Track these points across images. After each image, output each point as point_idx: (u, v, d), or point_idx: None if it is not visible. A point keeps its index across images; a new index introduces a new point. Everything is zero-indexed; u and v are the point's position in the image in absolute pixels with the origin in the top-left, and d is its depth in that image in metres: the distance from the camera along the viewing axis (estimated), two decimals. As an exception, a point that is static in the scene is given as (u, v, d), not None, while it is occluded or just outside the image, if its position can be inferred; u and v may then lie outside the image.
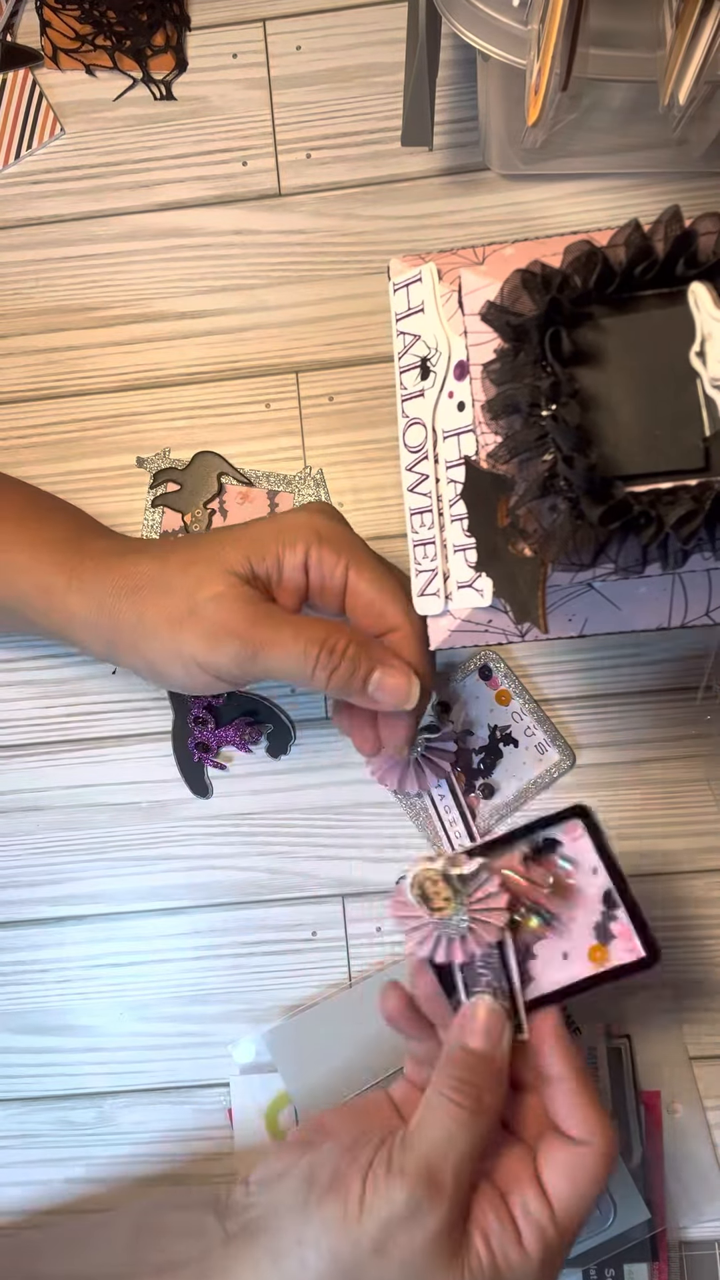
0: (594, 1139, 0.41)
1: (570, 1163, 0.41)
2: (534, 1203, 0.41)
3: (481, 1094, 0.41)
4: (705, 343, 0.36)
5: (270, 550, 0.44)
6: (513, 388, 0.37)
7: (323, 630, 0.43)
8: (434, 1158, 0.40)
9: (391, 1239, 0.39)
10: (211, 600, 0.43)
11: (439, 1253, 0.39)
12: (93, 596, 0.45)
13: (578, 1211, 0.41)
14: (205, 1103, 0.57)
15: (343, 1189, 0.40)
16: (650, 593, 0.44)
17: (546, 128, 0.47)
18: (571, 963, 0.44)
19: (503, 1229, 0.40)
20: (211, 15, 0.60)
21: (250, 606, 0.43)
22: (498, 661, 0.56)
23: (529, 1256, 0.40)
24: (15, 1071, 0.58)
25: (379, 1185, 0.40)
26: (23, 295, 0.60)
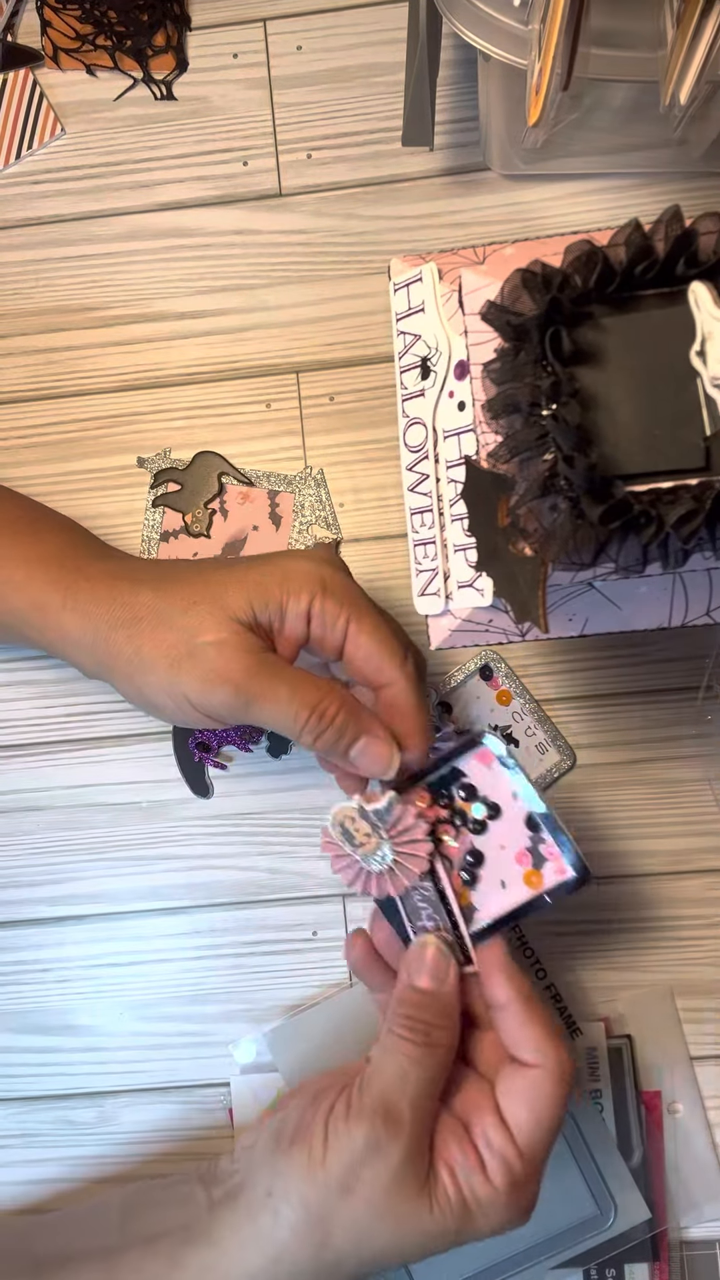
0: (545, 1060, 0.41)
1: (525, 1088, 0.42)
2: (495, 1133, 0.41)
3: (431, 1030, 0.42)
4: (705, 342, 0.36)
5: (274, 597, 0.44)
6: (513, 387, 0.37)
7: (316, 694, 0.43)
8: (390, 1094, 0.41)
9: (356, 1177, 0.40)
10: (212, 645, 0.43)
11: (404, 1185, 0.40)
12: (88, 619, 0.45)
13: (540, 1137, 0.41)
14: (206, 1102, 0.57)
15: (307, 1136, 0.42)
16: (651, 592, 0.44)
17: (547, 128, 0.47)
18: (510, 890, 0.44)
19: (466, 1159, 0.41)
20: (212, 15, 0.60)
21: (250, 657, 0.43)
22: (498, 661, 0.56)
23: (495, 1188, 0.41)
24: (15, 1071, 0.58)
25: (339, 1128, 0.41)
26: (23, 295, 0.60)
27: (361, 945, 0.47)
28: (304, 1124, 0.42)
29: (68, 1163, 0.57)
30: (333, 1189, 0.41)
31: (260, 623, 0.44)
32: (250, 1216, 0.42)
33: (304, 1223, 0.41)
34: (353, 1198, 0.40)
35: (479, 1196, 0.41)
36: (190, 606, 0.44)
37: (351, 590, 0.45)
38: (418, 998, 0.43)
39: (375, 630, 0.44)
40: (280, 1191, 0.42)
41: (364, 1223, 0.41)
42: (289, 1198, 0.41)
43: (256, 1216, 0.42)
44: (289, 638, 0.45)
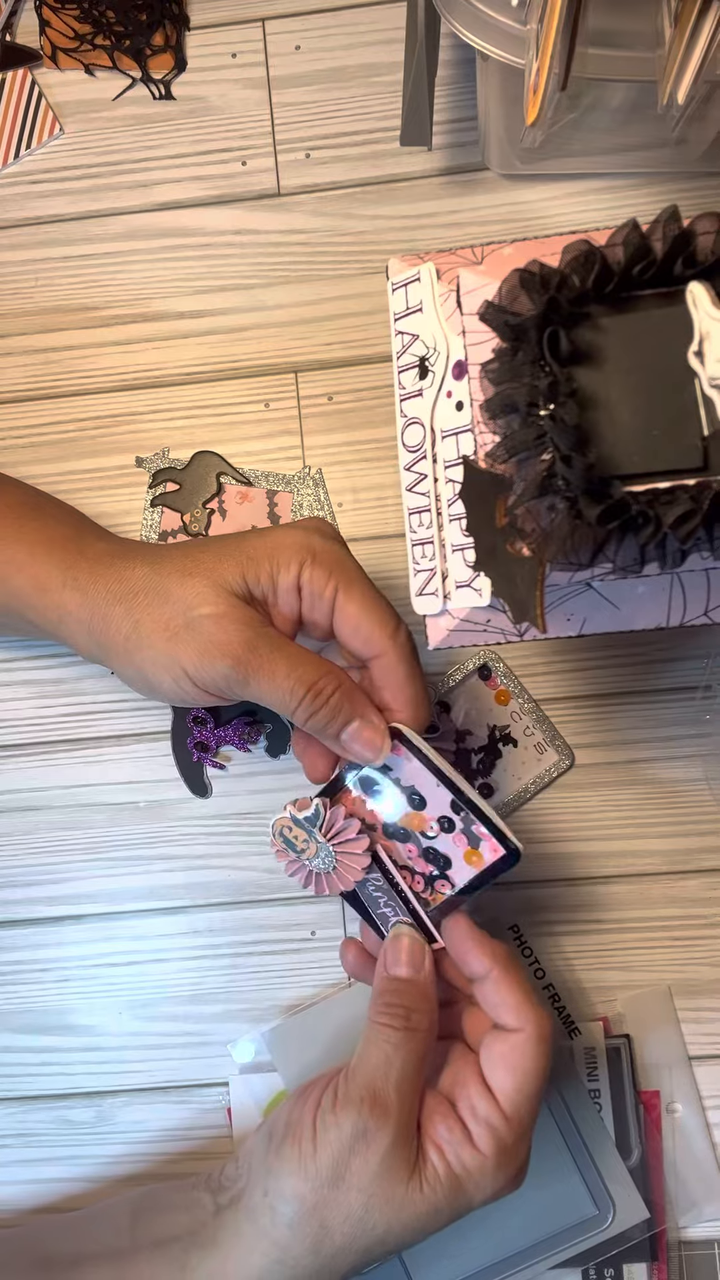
0: (525, 1024, 0.42)
1: (506, 1052, 0.42)
2: (479, 1101, 0.42)
3: (410, 1014, 0.43)
4: (703, 342, 0.36)
5: (264, 569, 0.44)
6: (511, 387, 0.36)
7: (314, 671, 0.43)
8: (375, 1081, 0.42)
9: (346, 1167, 0.41)
10: (209, 618, 0.43)
11: (394, 1170, 0.41)
12: (86, 595, 0.45)
13: (524, 1100, 0.42)
14: (205, 1102, 0.57)
15: (297, 1131, 0.42)
16: (649, 592, 0.44)
17: (545, 127, 0.47)
18: (456, 869, 0.46)
19: (452, 1134, 0.42)
20: (211, 15, 0.60)
21: (248, 630, 0.43)
22: (497, 661, 0.56)
23: (483, 1156, 0.41)
24: (14, 1071, 0.58)
25: (327, 1120, 0.42)
26: (22, 295, 0.60)
27: (354, 951, 0.48)
28: (293, 1120, 0.43)
29: (66, 1163, 0.57)
30: (324, 1180, 0.41)
31: (255, 596, 0.44)
32: (251, 1219, 0.43)
33: (300, 1217, 0.42)
34: (345, 1187, 0.41)
35: (468, 1167, 0.41)
36: (185, 579, 0.44)
37: (340, 558, 0.45)
38: (396, 985, 0.44)
39: (364, 599, 0.44)
40: (275, 1190, 0.42)
41: (358, 1211, 0.41)
42: (284, 1195, 0.42)
43: (256, 1218, 0.43)
44: (283, 612, 0.45)
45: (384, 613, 0.44)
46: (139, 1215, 0.47)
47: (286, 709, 0.43)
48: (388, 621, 0.44)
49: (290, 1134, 0.43)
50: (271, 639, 0.43)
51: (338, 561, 0.44)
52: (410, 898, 0.46)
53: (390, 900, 0.47)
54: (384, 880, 0.47)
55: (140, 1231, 0.46)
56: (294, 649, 0.44)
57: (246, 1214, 0.43)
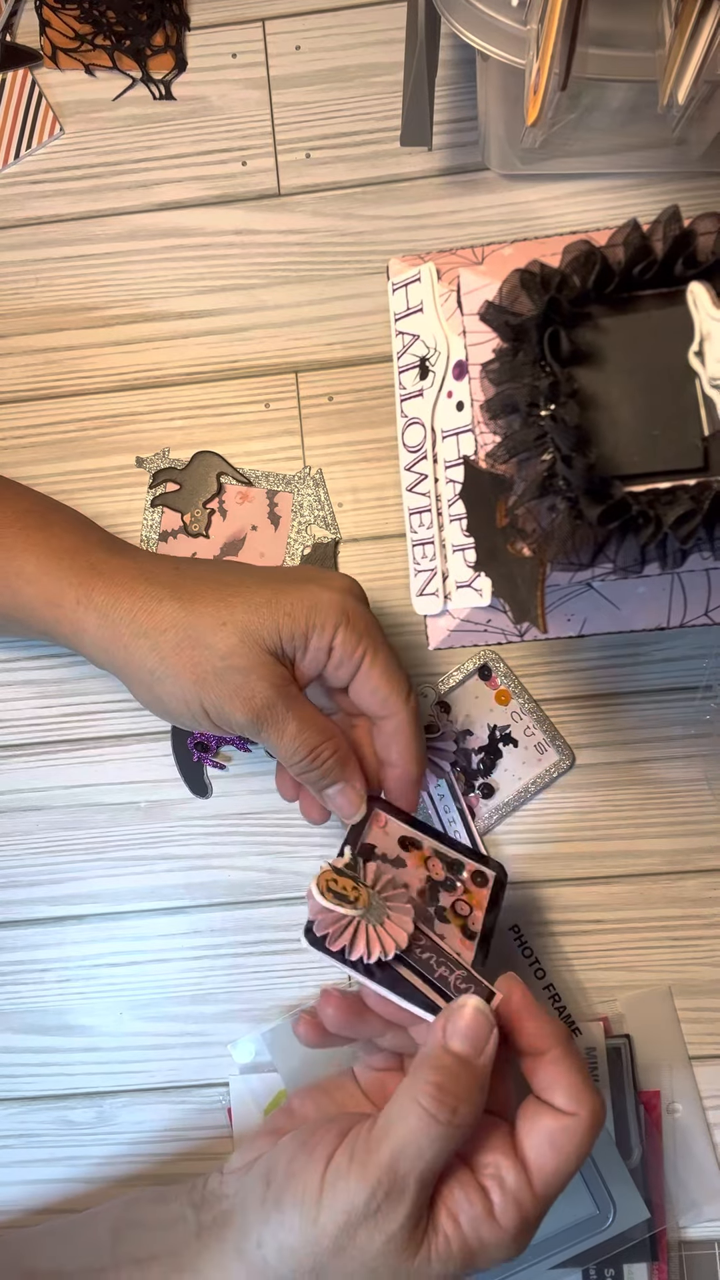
0: (582, 1109, 0.40)
1: (555, 1133, 0.40)
2: (509, 1174, 0.39)
3: (459, 1105, 0.39)
4: (704, 342, 0.36)
5: (300, 628, 0.45)
6: (511, 387, 0.37)
7: (318, 737, 0.46)
8: (400, 1164, 0.38)
9: (351, 1239, 0.38)
10: (239, 670, 0.45)
11: (403, 1248, 0.38)
12: (107, 621, 0.46)
13: (558, 1181, 0.40)
14: (205, 1102, 0.57)
15: (300, 1186, 0.40)
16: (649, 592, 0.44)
17: (545, 128, 0.47)
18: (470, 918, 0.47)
19: (472, 1206, 0.39)
20: (211, 15, 0.60)
21: (273, 690, 0.45)
22: (497, 661, 0.56)
23: (503, 1229, 0.39)
24: (15, 1071, 0.58)
25: (338, 1181, 0.39)
26: (22, 295, 0.60)
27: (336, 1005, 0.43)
28: (296, 1170, 0.40)
29: (67, 1163, 0.57)
30: (325, 1246, 0.39)
31: (285, 651, 0.46)
32: (240, 1260, 0.41)
33: (292, 1277, 0.40)
34: (345, 1258, 0.39)
35: (484, 1240, 0.39)
36: (219, 627, 0.45)
37: (370, 624, 0.47)
38: (451, 1064, 0.39)
39: (387, 666, 0.47)
40: (271, 1243, 0.40)
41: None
42: (280, 1251, 0.40)
43: (246, 1262, 0.41)
44: (306, 668, 0.47)
45: (402, 680, 0.47)
46: (120, 1231, 0.46)
47: (285, 763, 0.47)
48: (403, 688, 0.47)
49: (292, 1186, 0.40)
50: (289, 699, 0.46)
51: (368, 627, 0.47)
52: (453, 954, 0.43)
53: (443, 959, 0.43)
54: (427, 940, 0.43)
55: (121, 1249, 0.45)
56: (306, 711, 0.46)
57: (235, 1254, 0.41)
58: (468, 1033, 0.40)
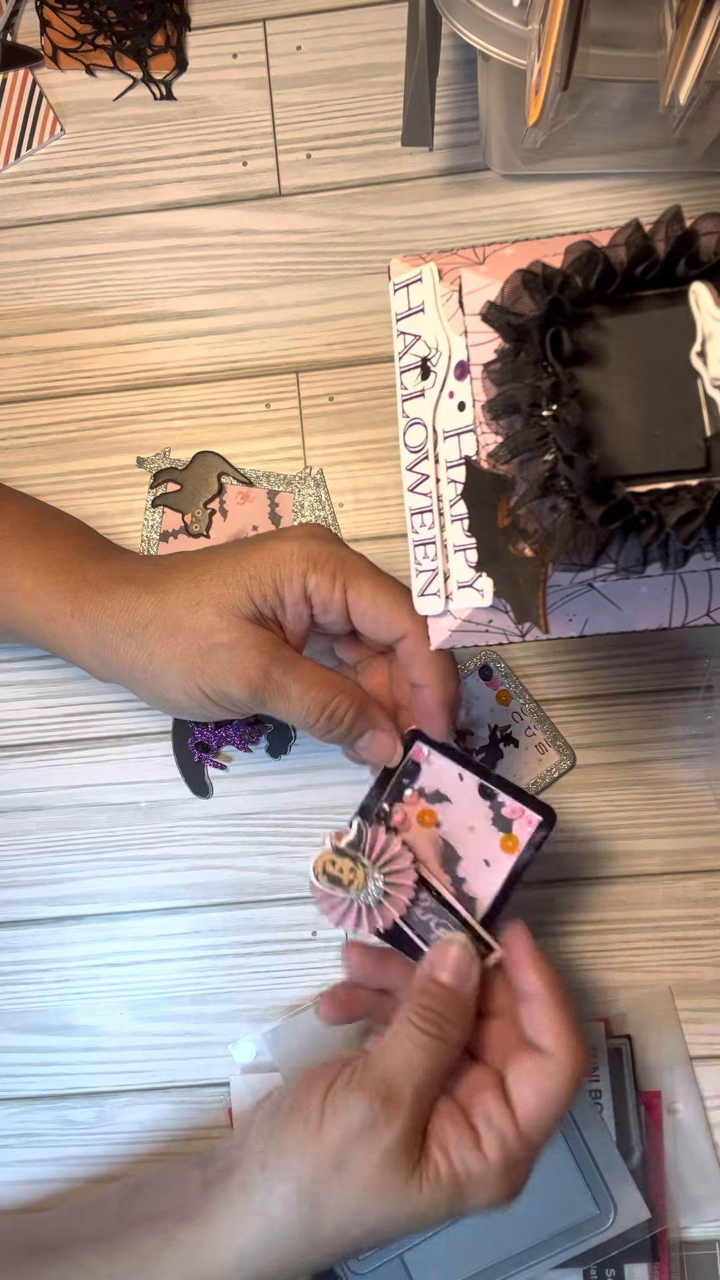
0: (564, 1053, 0.42)
1: (536, 1072, 0.42)
2: (496, 1112, 0.42)
3: (446, 1025, 0.42)
4: (706, 343, 0.36)
5: (269, 586, 0.44)
6: (513, 388, 0.36)
7: (328, 691, 0.45)
8: (394, 1076, 0.41)
9: (349, 1155, 0.41)
10: (224, 647, 0.44)
11: (396, 1167, 0.41)
12: (96, 630, 0.46)
13: (543, 1122, 0.42)
14: (205, 1102, 0.57)
15: (303, 1111, 0.42)
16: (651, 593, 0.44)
17: (547, 128, 0.47)
18: (495, 865, 0.46)
19: (460, 1137, 0.41)
20: (211, 15, 0.60)
21: (263, 656, 0.44)
22: (498, 661, 0.56)
23: (488, 1161, 0.41)
24: (15, 1071, 0.58)
25: (337, 1100, 0.41)
26: (23, 295, 0.60)
27: (358, 954, 0.47)
28: (300, 1100, 0.43)
29: (67, 1163, 0.57)
30: (325, 1163, 0.41)
31: (264, 614, 0.45)
32: (245, 1193, 0.42)
33: (296, 1196, 0.41)
34: (345, 1176, 0.41)
35: (471, 1171, 0.41)
36: (193, 608, 0.44)
37: (340, 556, 0.45)
38: (438, 990, 0.43)
39: (375, 588, 0.45)
40: (275, 1165, 0.42)
41: (354, 1201, 0.41)
42: (283, 1173, 0.42)
43: (251, 1193, 0.42)
44: (294, 624, 0.46)
45: (397, 595, 0.45)
46: (129, 1198, 0.47)
47: (304, 727, 0.45)
48: (404, 602, 0.45)
49: (296, 1112, 0.42)
50: (284, 661, 0.44)
51: (339, 561, 0.45)
52: (461, 910, 0.45)
53: (442, 920, 0.45)
54: (431, 899, 0.46)
55: (129, 1211, 0.46)
56: (307, 670, 0.45)
57: (240, 1189, 0.43)
58: (452, 966, 0.44)
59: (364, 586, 0.45)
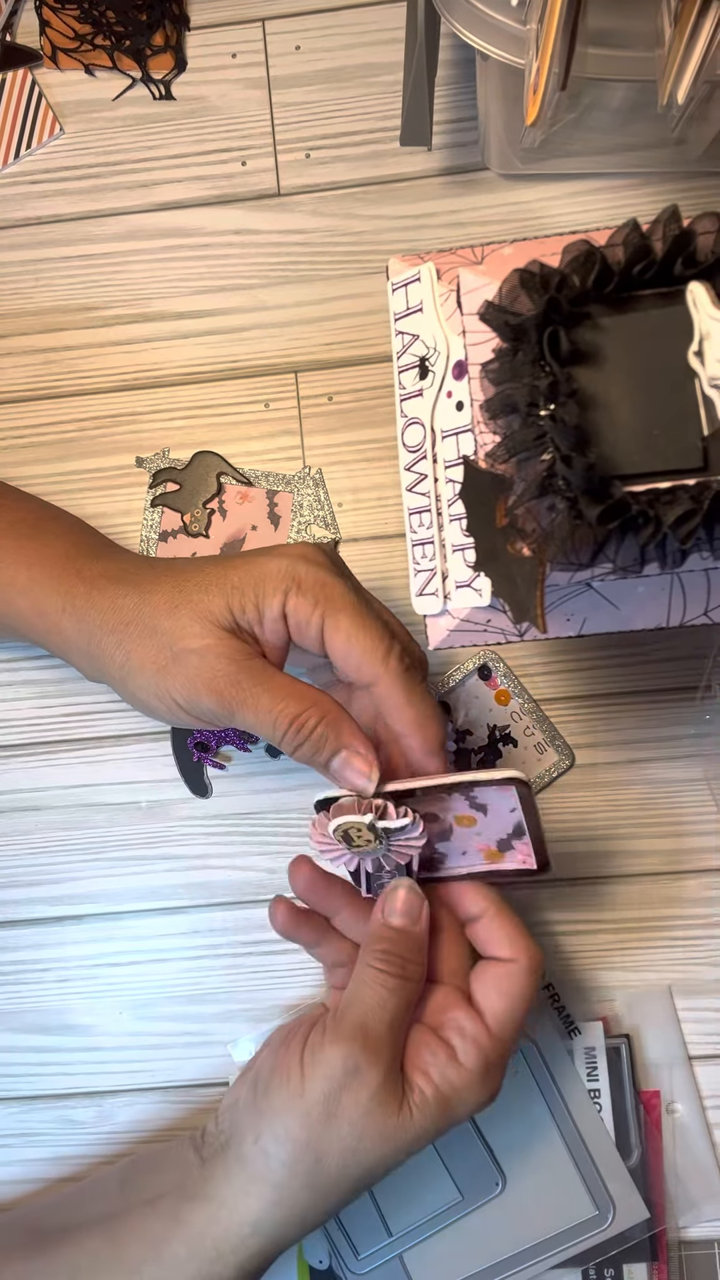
0: (520, 955, 0.45)
1: (500, 977, 0.45)
2: (467, 1021, 0.44)
3: (406, 964, 0.44)
4: (703, 342, 0.36)
5: (249, 599, 0.44)
6: (511, 387, 0.37)
7: (298, 704, 0.43)
8: (368, 1020, 0.43)
9: (337, 1102, 0.42)
10: (195, 652, 0.43)
11: (385, 1104, 0.42)
12: (84, 624, 0.46)
13: (510, 1021, 0.45)
14: (205, 1102, 0.57)
15: (284, 1074, 0.43)
16: (649, 592, 0.44)
17: (545, 127, 0.47)
18: (468, 857, 0.47)
19: (436, 1056, 0.44)
20: (211, 15, 0.60)
21: (233, 665, 0.43)
22: (497, 661, 0.56)
23: (468, 1070, 0.44)
24: (15, 1070, 0.58)
25: (316, 1055, 0.43)
26: (22, 295, 0.60)
27: (284, 912, 0.48)
28: (279, 1064, 0.44)
29: (67, 1162, 0.57)
30: (315, 1116, 0.42)
31: (241, 627, 0.44)
32: (242, 1165, 0.44)
33: (294, 1155, 0.43)
34: (336, 1121, 0.42)
35: (455, 1084, 0.43)
36: (172, 610, 0.44)
37: (325, 584, 0.44)
38: (393, 934, 0.45)
39: (351, 627, 0.43)
40: (267, 1132, 0.43)
41: (351, 1143, 0.42)
42: (276, 1136, 0.43)
43: (248, 1165, 0.43)
44: (271, 640, 0.45)
45: (372, 639, 0.44)
46: (127, 1181, 0.48)
47: (273, 741, 0.44)
48: (377, 647, 0.43)
49: (276, 1076, 0.44)
50: (255, 672, 0.43)
51: (322, 588, 0.44)
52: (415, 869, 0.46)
53: (395, 872, 0.46)
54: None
55: (129, 1194, 0.47)
56: (279, 681, 0.43)
57: (237, 1162, 0.44)
58: (402, 908, 0.45)
59: (342, 623, 0.43)
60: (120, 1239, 0.45)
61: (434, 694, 0.56)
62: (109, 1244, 0.45)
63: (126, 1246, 0.45)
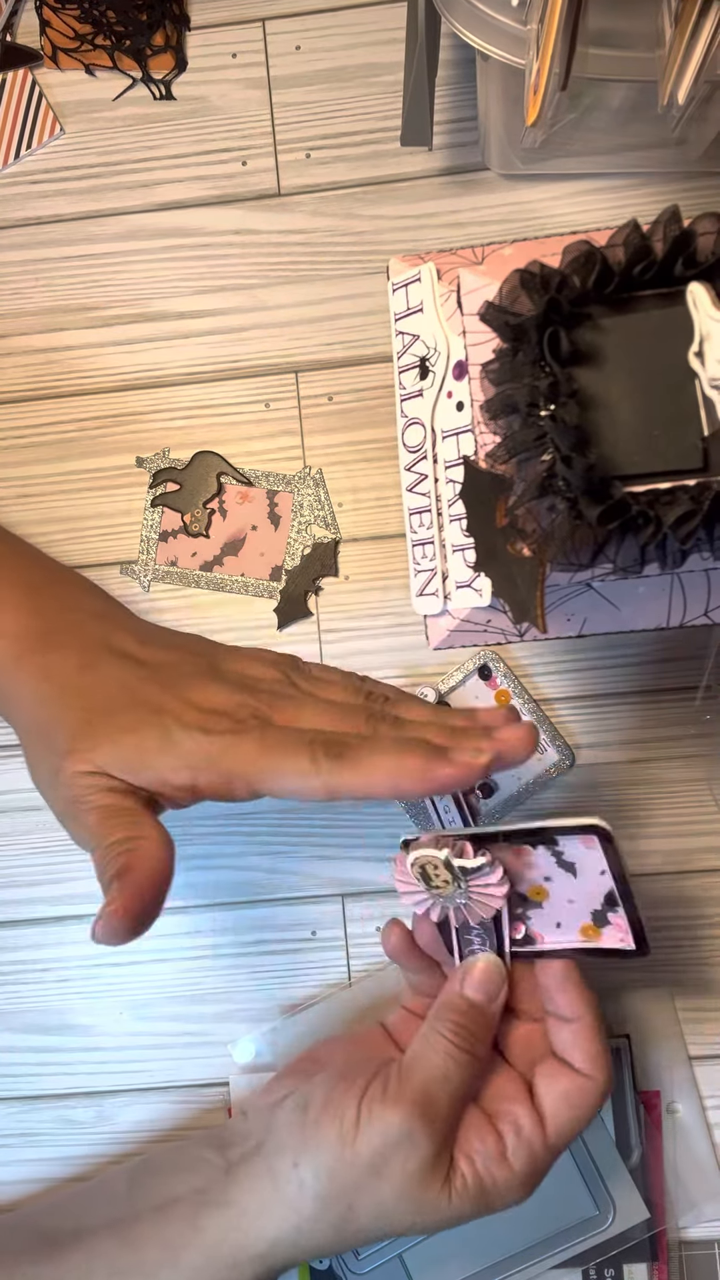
0: (598, 1074, 0.44)
1: (572, 1090, 0.44)
2: (526, 1121, 0.44)
3: (476, 1042, 0.44)
4: (704, 343, 0.36)
5: (153, 767, 0.41)
6: (511, 388, 0.37)
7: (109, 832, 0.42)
8: (431, 1089, 0.43)
9: (386, 1162, 0.42)
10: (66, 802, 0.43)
11: (431, 1176, 0.42)
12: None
13: (569, 1134, 0.44)
14: (205, 1102, 0.57)
15: (338, 1112, 0.43)
16: (649, 592, 0.44)
17: (545, 127, 0.47)
18: (564, 931, 0.45)
19: (485, 1147, 0.43)
20: (211, 15, 0.60)
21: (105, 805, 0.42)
22: (497, 661, 0.56)
23: (513, 1170, 0.43)
24: (15, 1070, 0.58)
25: (374, 1110, 0.43)
26: (22, 295, 0.60)
27: (399, 935, 0.48)
28: (334, 1099, 0.44)
29: (67, 1162, 0.57)
30: (361, 1169, 0.42)
31: (130, 782, 0.42)
32: (274, 1183, 0.43)
33: (331, 1195, 0.43)
34: (380, 1181, 0.42)
35: (498, 1180, 0.43)
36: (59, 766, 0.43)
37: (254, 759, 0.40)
38: (466, 1007, 0.45)
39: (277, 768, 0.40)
40: (308, 1164, 0.43)
41: (388, 1204, 0.42)
42: (317, 1171, 0.43)
43: (280, 1184, 0.43)
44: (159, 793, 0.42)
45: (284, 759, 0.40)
46: (135, 1183, 0.48)
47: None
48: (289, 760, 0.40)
49: (329, 1112, 0.43)
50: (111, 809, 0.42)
51: (246, 765, 0.40)
52: (507, 945, 0.46)
53: (486, 938, 0.46)
54: (492, 926, 0.45)
55: (139, 1198, 0.47)
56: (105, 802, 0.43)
57: (269, 1177, 0.44)
58: (480, 983, 0.45)
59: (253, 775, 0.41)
60: (135, 1243, 0.45)
61: (434, 693, 0.56)
62: (124, 1248, 0.45)
63: (143, 1251, 0.45)
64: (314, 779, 0.39)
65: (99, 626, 0.46)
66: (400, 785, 0.39)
